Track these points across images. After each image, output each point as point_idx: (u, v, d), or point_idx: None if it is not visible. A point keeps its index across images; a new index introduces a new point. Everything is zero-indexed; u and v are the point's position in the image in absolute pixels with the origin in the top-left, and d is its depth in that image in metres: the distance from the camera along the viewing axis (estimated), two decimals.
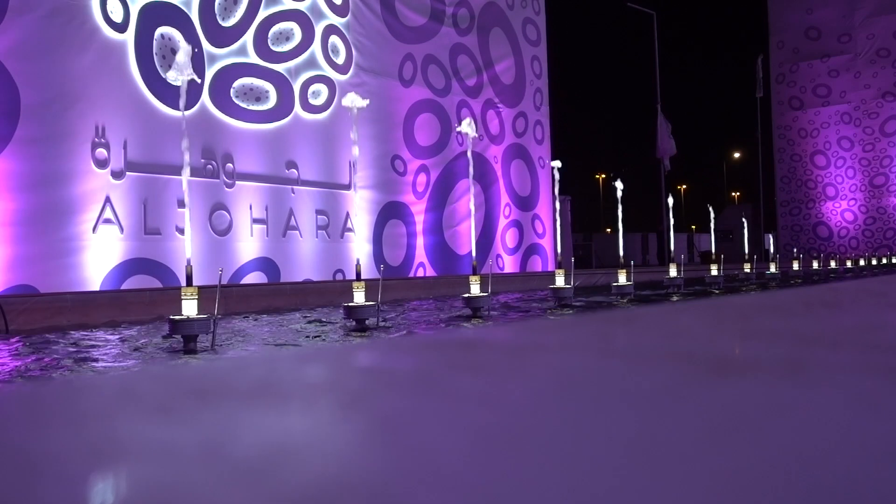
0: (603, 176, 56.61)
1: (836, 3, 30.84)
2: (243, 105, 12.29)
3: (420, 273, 15.35)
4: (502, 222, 17.85)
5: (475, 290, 9.10)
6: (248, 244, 12.28)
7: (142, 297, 9.21)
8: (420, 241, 15.51)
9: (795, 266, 20.07)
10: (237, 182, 12.11)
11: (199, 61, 11.58)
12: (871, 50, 30.50)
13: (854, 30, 30.53)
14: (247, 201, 12.24)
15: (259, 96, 12.53)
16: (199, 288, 6.77)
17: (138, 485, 0.39)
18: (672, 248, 15.11)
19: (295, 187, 13.03)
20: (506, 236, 18.03)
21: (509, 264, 17.99)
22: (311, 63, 13.43)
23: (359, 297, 7.72)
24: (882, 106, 30.44)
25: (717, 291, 14.22)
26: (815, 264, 21.72)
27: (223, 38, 12.06)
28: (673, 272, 13.74)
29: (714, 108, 66.57)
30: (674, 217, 15.84)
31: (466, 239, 15.93)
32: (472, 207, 9.95)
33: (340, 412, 0.58)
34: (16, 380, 4.85)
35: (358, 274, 8.01)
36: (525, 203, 18.72)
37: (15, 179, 9.38)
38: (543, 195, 19.06)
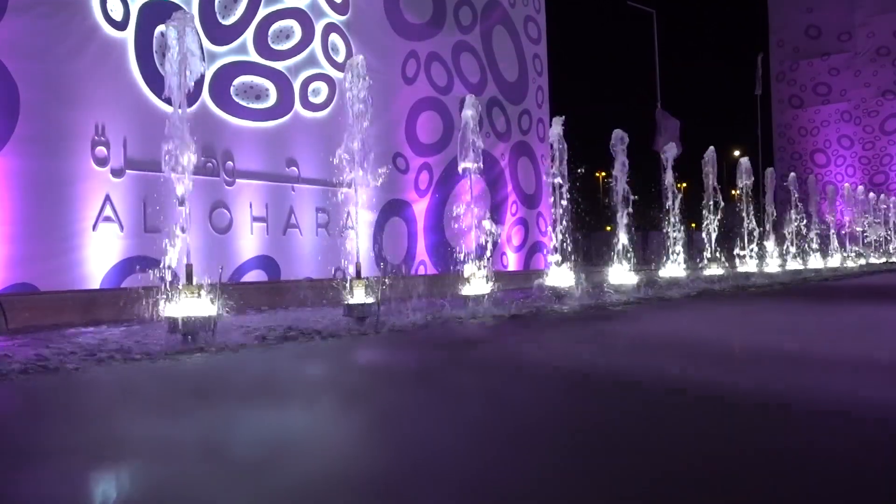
0: (602, 174, 56.64)
1: (837, 1, 30.80)
2: (243, 103, 12.29)
3: (421, 271, 15.35)
4: (509, 220, 17.84)
5: (473, 288, 9.12)
6: (249, 242, 12.28)
7: (142, 295, 9.20)
8: (421, 240, 15.50)
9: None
10: (237, 180, 12.10)
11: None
12: (871, 48, 30.46)
13: (854, 28, 30.50)
14: (247, 199, 12.24)
15: (259, 94, 12.52)
16: (200, 286, 6.78)
17: (139, 480, 0.40)
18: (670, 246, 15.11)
19: (295, 185, 13.03)
20: (512, 234, 18.02)
21: (514, 262, 17.99)
22: (311, 61, 13.42)
23: (359, 295, 7.73)
24: (882, 104, 30.43)
25: (718, 290, 14.22)
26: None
27: (223, 36, 12.05)
28: (673, 270, 13.75)
29: (714, 107, 66.52)
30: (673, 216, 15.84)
31: (468, 237, 15.92)
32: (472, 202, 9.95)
33: (340, 409, 0.58)
34: (16, 378, 4.84)
35: (358, 272, 8.03)
36: (530, 201, 18.72)
37: (14, 178, 9.38)
38: (545, 193, 19.06)
